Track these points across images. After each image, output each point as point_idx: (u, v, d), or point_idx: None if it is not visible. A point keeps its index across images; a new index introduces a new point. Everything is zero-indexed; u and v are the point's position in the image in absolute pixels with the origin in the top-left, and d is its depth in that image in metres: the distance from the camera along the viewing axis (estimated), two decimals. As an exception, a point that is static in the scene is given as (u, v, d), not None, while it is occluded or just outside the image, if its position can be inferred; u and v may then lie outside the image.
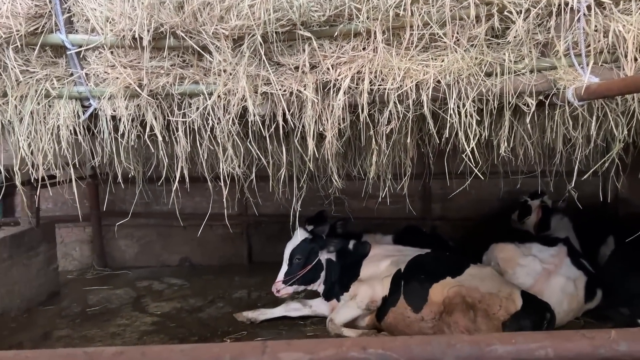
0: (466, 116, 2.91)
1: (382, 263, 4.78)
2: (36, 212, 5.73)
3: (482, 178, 3.13)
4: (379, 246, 5.09)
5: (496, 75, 2.89)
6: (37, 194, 3.39)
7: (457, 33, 2.82)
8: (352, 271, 4.84)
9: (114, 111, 2.98)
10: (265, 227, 7.42)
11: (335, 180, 3.39)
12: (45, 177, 3.17)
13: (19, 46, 2.80)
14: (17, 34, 2.71)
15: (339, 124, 3.01)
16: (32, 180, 3.30)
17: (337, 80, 2.91)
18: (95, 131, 3.25)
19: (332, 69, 2.89)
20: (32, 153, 3.05)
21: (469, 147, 2.95)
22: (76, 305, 5.82)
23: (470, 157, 3.00)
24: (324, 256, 4.96)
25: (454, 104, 2.86)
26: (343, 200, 6.32)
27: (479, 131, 3.02)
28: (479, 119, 2.96)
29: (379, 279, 4.64)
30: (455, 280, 4.26)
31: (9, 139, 3.22)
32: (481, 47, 2.85)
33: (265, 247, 7.44)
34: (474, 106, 2.90)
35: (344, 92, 2.89)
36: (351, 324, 4.66)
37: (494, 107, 2.99)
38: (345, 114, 2.99)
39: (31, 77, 2.92)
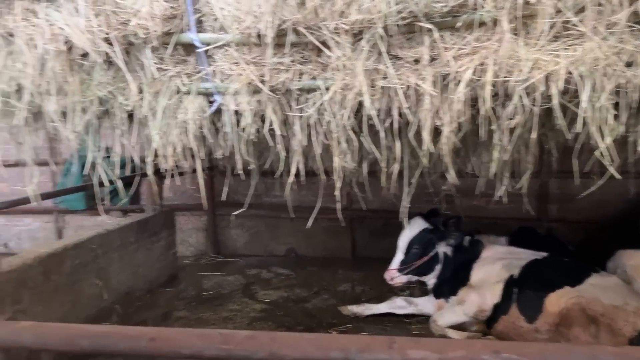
0: (601, 110, 2.68)
1: (494, 267, 4.58)
2: (159, 200, 6.20)
3: (619, 177, 2.87)
4: (491, 247, 4.88)
5: (638, 65, 2.63)
6: (165, 183, 3.63)
7: (594, 20, 2.59)
8: (462, 274, 4.69)
9: (237, 106, 3.12)
10: (369, 222, 7.42)
11: (451, 177, 3.27)
12: (174, 168, 3.40)
13: (155, 45, 3.02)
14: (154, 34, 2.92)
15: (458, 118, 2.91)
16: (160, 171, 3.56)
17: (458, 72, 2.80)
18: (218, 125, 3.42)
19: (453, 61, 2.79)
20: (163, 146, 3.28)
21: (603, 143, 2.72)
22: (192, 289, 6.22)
23: (604, 155, 2.76)
24: (441, 249, 4.85)
25: (588, 96, 2.65)
26: (453, 197, 6.14)
27: (615, 127, 2.77)
28: (615, 113, 2.71)
29: (489, 284, 4.45)
30: (575, 290, 3.98)
31: (142, 133, 3.49)
32: (621, 34, 2.60)
33: (369, 242, 7.45)
34: (610, 99, 2.67)
35: (465, 85, 2.79)
36: (460, 327, 4.52)
37: (634, 101, 2.72)
38: (465, 108, 2.88)
39: (164, 74, 3.13)
